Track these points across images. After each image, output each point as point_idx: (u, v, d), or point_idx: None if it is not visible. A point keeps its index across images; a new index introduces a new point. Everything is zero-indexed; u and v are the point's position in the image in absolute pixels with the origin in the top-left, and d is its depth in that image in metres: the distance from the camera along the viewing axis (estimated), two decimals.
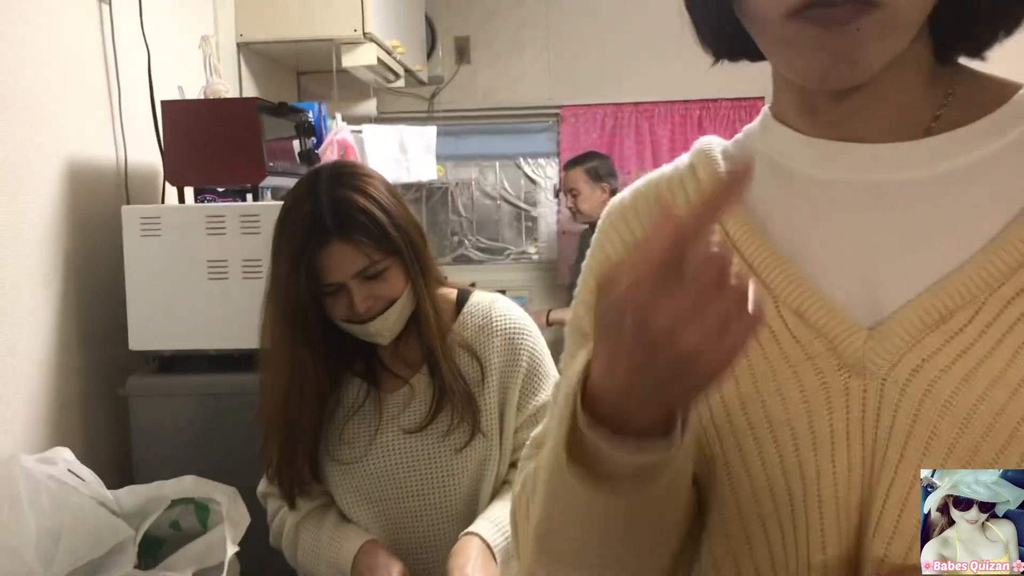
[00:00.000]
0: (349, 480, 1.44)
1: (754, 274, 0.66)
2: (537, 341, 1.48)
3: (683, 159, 0.77)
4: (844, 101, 0.65)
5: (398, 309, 1.37)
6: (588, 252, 0.80)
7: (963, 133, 0.63)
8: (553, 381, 1.47)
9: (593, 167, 3.71)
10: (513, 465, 1.46)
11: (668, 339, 0.49)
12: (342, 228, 1.29)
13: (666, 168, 0.78)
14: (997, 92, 0.65)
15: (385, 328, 1.38)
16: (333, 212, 1.29)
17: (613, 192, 3.65)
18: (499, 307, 1.48)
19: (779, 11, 0.58)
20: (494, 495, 1.45)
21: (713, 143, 0.77)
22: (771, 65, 0.67)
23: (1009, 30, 0.63)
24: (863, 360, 0.61)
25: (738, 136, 0.76)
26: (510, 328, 1.45)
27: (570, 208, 3.85)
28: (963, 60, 0.67)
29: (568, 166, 3.84)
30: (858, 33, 0.56)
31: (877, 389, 0.61)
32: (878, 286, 0.63)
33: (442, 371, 1.40)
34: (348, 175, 1.35)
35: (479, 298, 1.50)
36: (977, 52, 0.65)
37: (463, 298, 1.50)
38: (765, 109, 0.75)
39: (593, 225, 0.81)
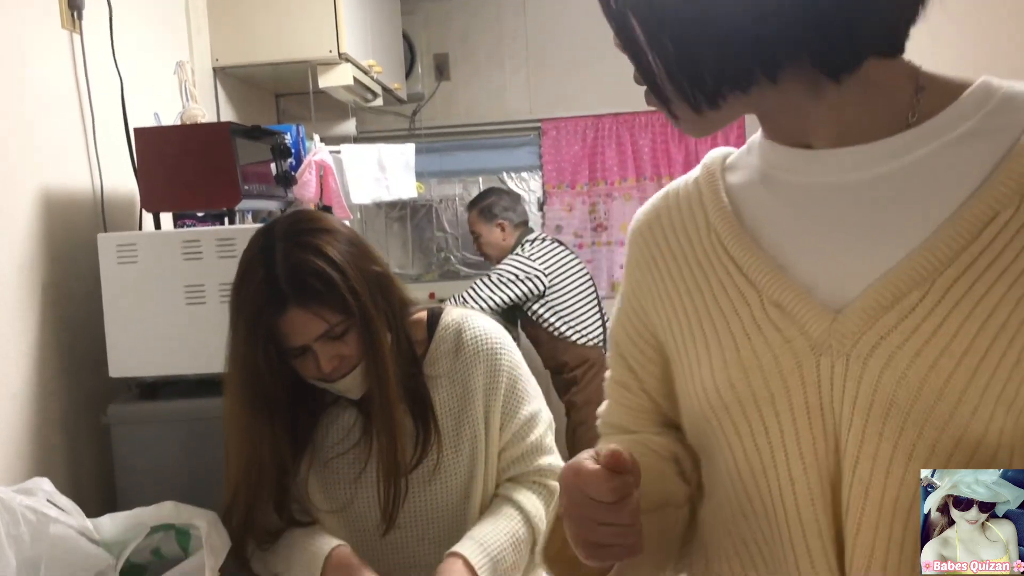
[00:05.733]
0: (331, 522, 1.43)
1: (743, 276, 0.78)
2: (513, 355, 1.46)
3: (693, 173, 0.89)
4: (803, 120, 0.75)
5: (363, 368, 1.35)
6: (623, 270, 0.94)
7: (899, 139, 0.72)
8: (532, 390, 1.48)
9: (486, 205, 3.61)
10: (511, 480, 1.46)
11: (594, 539, 0.75)
12: (299, 295, 1.25)
13: (678, 181, 0.90)
14: (935, 100, 0.73)
15: (353, 386, 1.36)
16: (288, 278, 1.25)
17: (518, 226, 3.59)
18: (470, 327, 1.45)
19: None
20: (481, 513, 1.44)
21: (717, 158, 0.88)
22: None
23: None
24: (829, 340, 0.71)
25: (741, 149, 0.87)
26: (485, 350, 1.43)
27: (480, 254, 3.78)
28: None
29: (467, 208, 3.77)
30: (679, 123, 0.77)
31: (843, 365, 0.70)
32: (845, 275, 0.72)
33: (423, 417, 1.39)
34: (304, 232, 1.30)
35: (449, 320, 1.47)
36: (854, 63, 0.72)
37: (433, 321, 1.47)
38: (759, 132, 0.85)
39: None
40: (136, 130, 1.91)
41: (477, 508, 1.43)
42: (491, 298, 3.36)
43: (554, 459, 1.47)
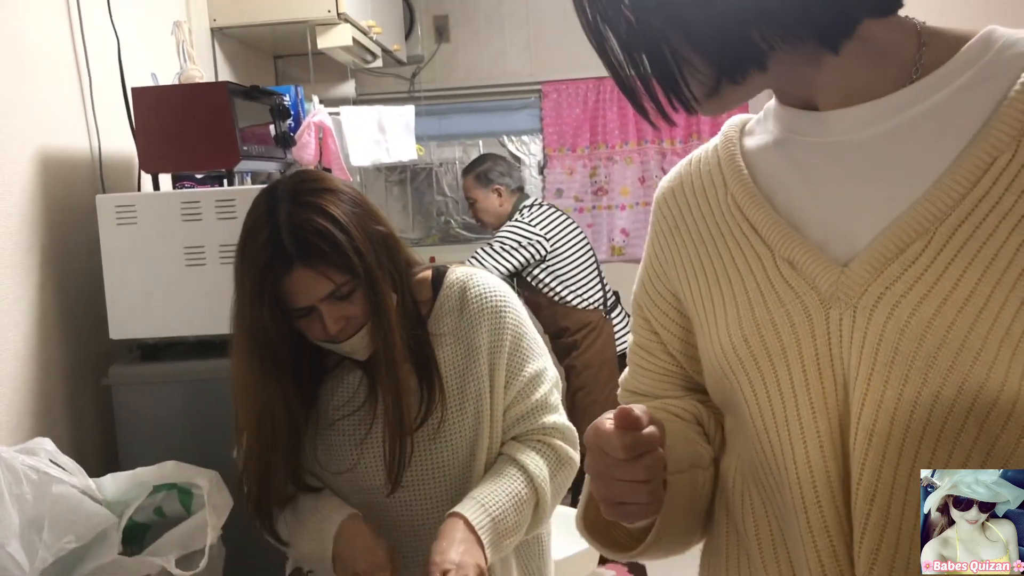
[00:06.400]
0: (338, 483, 1.43)
1: (757, 235, 0.82)
2: (518, 313, 1.45)
3: (713, 140, 0.92)
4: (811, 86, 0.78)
5: (369, 329, 1.34)
6: (648, 234, 0.97)
7: (902, 94, 0.74)
8: (537, 348, 1.47)
9: (482, 171, 3.55)
10: (515, 438, 1.46)
11: (611, 495, 0.79)
12: (304, 255, 1.24)
13: (700, 149, 0.94)
14: (934, 56, 0.74)
15: (360, 347, 1.35)
16: (293, 237, 1.24)
17: (514, 192, 3.56)
18: (474, 285, 1.44)
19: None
20: (486, 472, 1.44)
21: (735, 124, 0.91)
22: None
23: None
24: (836, 293, 0.74)
25: (759, 115, 0.89)
26: (489, 307, 1.42)
27: (476, 220, 3.75)
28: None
29: (463, 174, 3.72)
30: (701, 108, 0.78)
31: (850, 317, 0.73)
32: (854, 230, 0.75)
33: (427, 376, 1.39)
34: (307, 192, 1.29)
35: (453, 278, 1.46)
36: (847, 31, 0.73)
37: (438, 279, 1.46)
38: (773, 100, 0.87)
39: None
40: (134, 90, 1.89)
41: (482, 467, 1.43)
42: (496, 267, 3.35)
43: (559, 417, 1.47)
